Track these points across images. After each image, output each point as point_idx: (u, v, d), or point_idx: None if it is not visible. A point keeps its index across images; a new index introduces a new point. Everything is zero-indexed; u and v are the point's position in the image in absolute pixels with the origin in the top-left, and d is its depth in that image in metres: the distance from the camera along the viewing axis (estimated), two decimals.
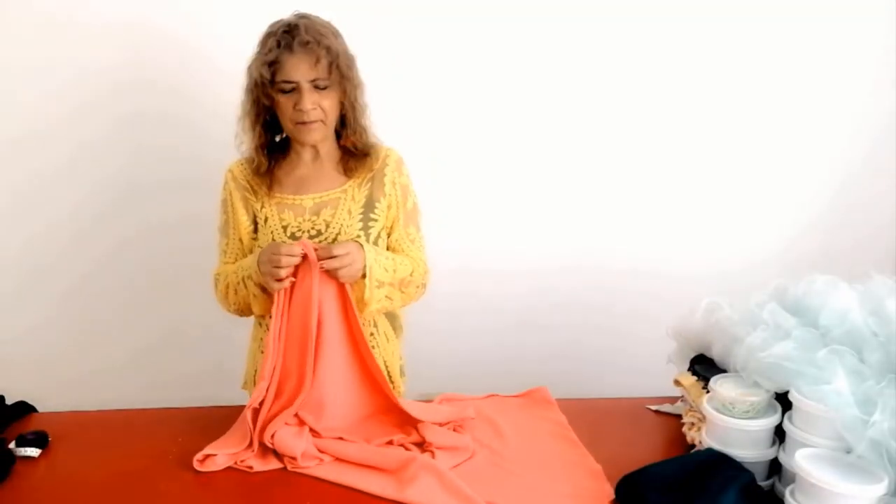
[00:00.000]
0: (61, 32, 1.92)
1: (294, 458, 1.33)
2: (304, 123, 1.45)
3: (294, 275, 1.39)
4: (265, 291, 1.46)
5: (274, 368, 1.39)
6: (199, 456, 1.32)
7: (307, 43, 1.40)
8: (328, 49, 1.41)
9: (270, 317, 1.43)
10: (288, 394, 1.39)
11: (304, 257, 1.39)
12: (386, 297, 1.50)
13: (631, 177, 2.21)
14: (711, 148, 2.21)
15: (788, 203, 2.30)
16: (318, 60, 1.41)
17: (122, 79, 1.97)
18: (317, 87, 1.43)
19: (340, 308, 1.43)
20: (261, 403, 1.39)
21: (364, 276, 1.43)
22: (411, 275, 1.54)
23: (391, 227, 1.58)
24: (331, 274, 1.39)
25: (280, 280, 1.38)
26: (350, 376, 1.45)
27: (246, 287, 1.48)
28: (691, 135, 2.20)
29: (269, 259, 1.38)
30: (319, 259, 1.38)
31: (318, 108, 1.44)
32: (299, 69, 1.41)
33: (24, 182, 2.01)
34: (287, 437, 1.35)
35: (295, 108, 1.43)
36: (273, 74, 1.41)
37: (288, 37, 1.40)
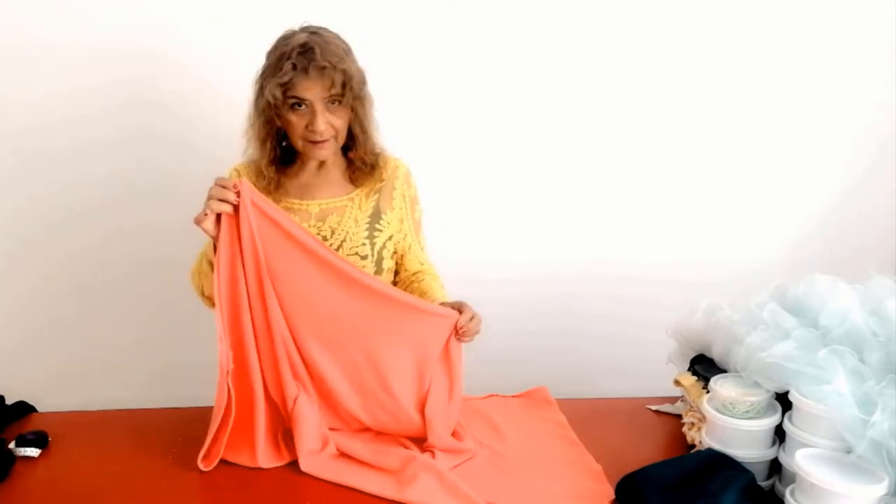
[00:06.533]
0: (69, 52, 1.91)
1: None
2: (315, 142, 1.44)
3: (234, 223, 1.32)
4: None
5: (224, 329, 1.35)
6: (201, 456, 1.32)
7: (323, 67, 1.37)
8: (343, 72, 1.39)
9: None
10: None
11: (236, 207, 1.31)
12: None
13: (633, 182, 2.20)
14: (713, 153, 2.21)
15: (790, 209, 2.29)
16: (332, 84, 1.39)
17: (115, 79, 1.96)
18: (329, 106, 1.42)
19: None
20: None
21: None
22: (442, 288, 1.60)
23: (403, 237, 1.59)
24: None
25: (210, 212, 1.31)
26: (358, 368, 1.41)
27: (203, 267, 1.45)
28: (694, 140, 2.19)
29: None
30: (460, 330, 1.43)
31: (329, 127, 1.43)
32: (313, 91, 1.39)
33: (25, 182, 2.01)
34: (308, 422, 1.36)
35: (307, 128, 1.42)
36: (284, 93, 1.39)
37: (303, 60, 1.36)
